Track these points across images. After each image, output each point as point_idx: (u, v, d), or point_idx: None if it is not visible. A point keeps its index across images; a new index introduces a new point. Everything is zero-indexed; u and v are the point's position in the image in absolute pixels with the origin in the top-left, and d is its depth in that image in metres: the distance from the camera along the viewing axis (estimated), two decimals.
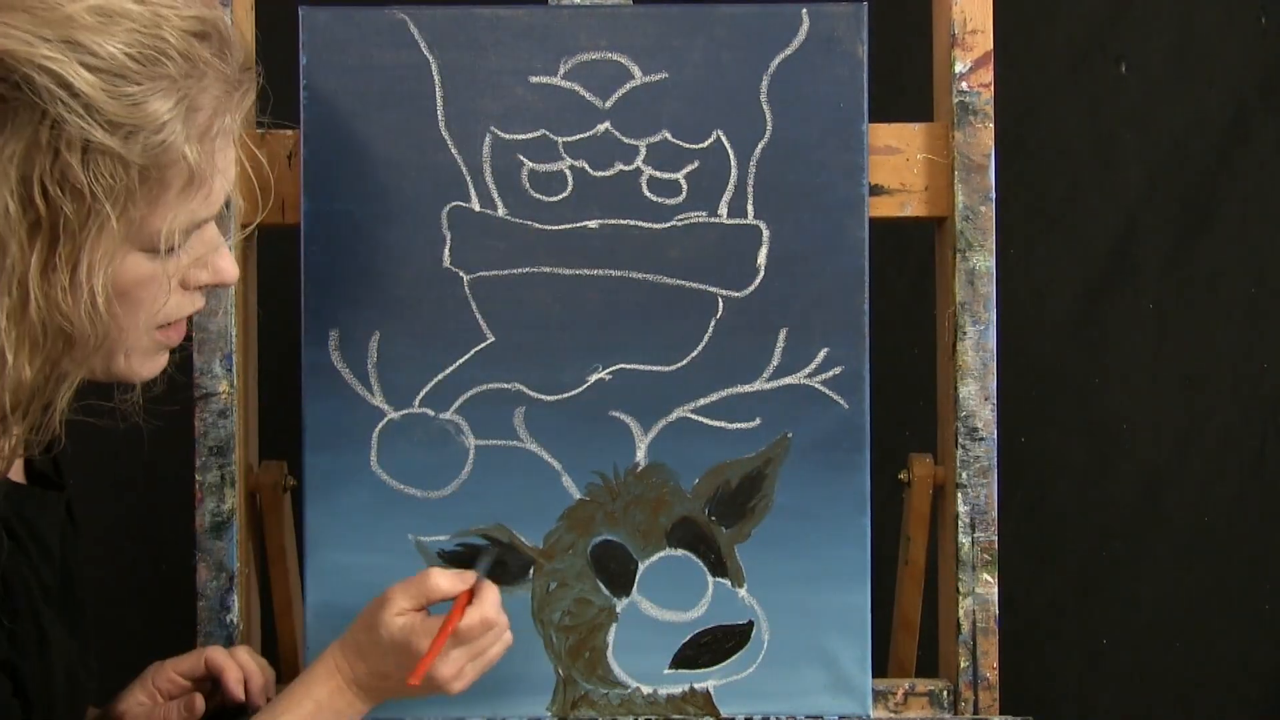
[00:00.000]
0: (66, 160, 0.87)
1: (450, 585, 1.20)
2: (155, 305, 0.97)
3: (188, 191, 0.93)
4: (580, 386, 1.33)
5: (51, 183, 0.87)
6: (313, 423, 1.32)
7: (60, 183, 0.88)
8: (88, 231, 0.89)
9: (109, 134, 0.88)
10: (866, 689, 1.33)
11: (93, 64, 0.87)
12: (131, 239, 0.92)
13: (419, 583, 1.20)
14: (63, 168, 0.87)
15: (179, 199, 0.93)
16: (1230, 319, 1.79)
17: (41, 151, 0.87)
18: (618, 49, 1.32)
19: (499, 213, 1.32)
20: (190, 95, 0.91)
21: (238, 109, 0.96)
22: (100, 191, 0.88)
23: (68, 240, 0.89)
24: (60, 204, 0.88)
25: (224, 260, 1.01)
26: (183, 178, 0.93)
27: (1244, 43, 1.77)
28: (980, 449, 1.34)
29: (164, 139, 0.90)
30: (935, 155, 1.35)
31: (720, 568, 1.33)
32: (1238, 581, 1.81)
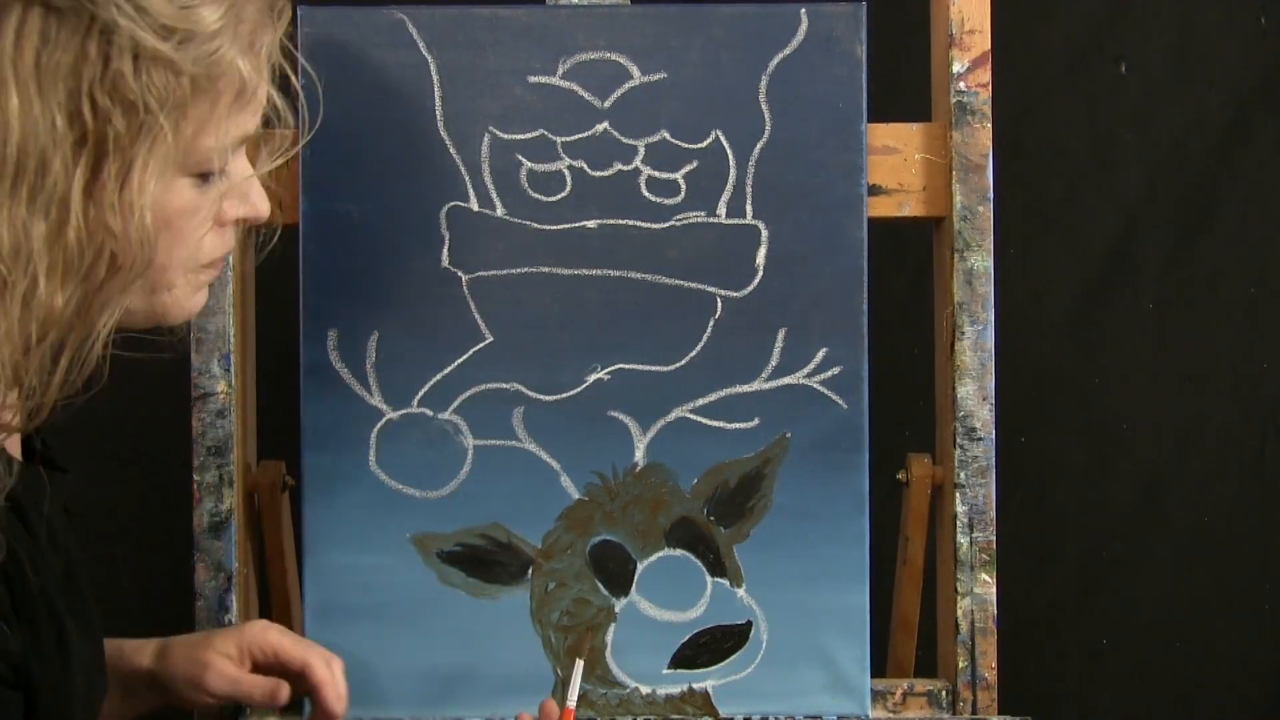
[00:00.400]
0: (118, 69, 0.84)
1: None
2: (195, 239, 0.94)
3: (238, 104, 0.91)
4: (579, 386, 1.33)
5: (102, 94, 0.84)
6: (311, 422, 1.32)
7: (111, 93, 0.84)
8: (140, 145, 0.86)
9: (162, 40, 0.85)
10: (865, 689, 1.33)
11: None
12: (182, 159, 0.90)
13: None
14: (114, 77, 0.84)
15: (229, 113, 0.91)
16: (1230, 319, 1.79)
17: (90, 62, 0.84)
18: (616, 49, 1.32)
19: (497, 213, 1.32)
20: (238, 5, 0.89)
21: (278, 27, 0.94)
22: (153, 102, 0.85)
23: (118, 155, 0.86)
24: (110, 116, 0.84)
25: (257, 192, 0.99)
26: (233, 90, 0.90)
27: (1244, 43, 1.76)
28: (979, 449, 1.34)
29: (217, 46, 0.87)
30: (933, 155, 1.35)
31: (719, 568, 1.33)
32: (1238, 581, 1.81)
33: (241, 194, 0.97)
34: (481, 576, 1.33)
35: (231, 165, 0.95)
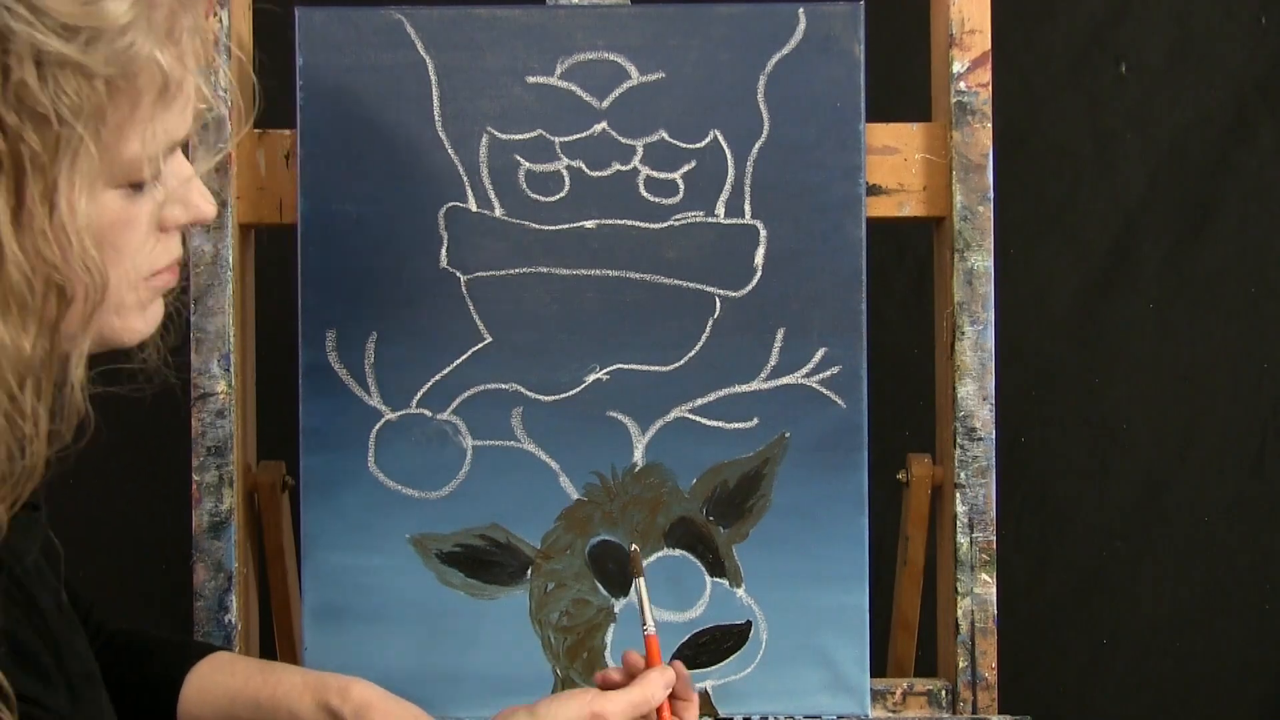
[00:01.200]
0: (20, 80, 0.74)
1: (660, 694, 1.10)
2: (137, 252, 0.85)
3: (162, 102, 0.81)
4: (578, 387, 1.33)
5: (7, 109, 0.75)
6: (310, 423, 1.32)
7: (18, 108, 0.75)
8: (61, 162, 0.77)
9: (66, 41, 0.75)
10: (865, 689, 1.33)
11: None
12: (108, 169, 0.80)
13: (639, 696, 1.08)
14: (17, 89, 0.74)
15: (154, 113, 0.81)
16: (1230, 319, 1.79)
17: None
18: (615, 49, 1.32)
19: (496, 213, 1.32)
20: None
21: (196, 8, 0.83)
22: (67, 112, 0.76)
23: (38, 176, 0.76)
24: (21, 133, 0.75)
25: (197, 194, 0.88)
26: (155, 87, 0.80)
27: (1244, 43, 1.76)
28: (979, 449, 1.34)
29: (130, 41, 0.77)
30: (933, 155, 1.35)
31: (718, 568, 1.33)
32: (1238, 581, 1.81)
33: (182, 197, 0.88)
34: (481, 577, 1.33)
35: (166, 168, 0.85)
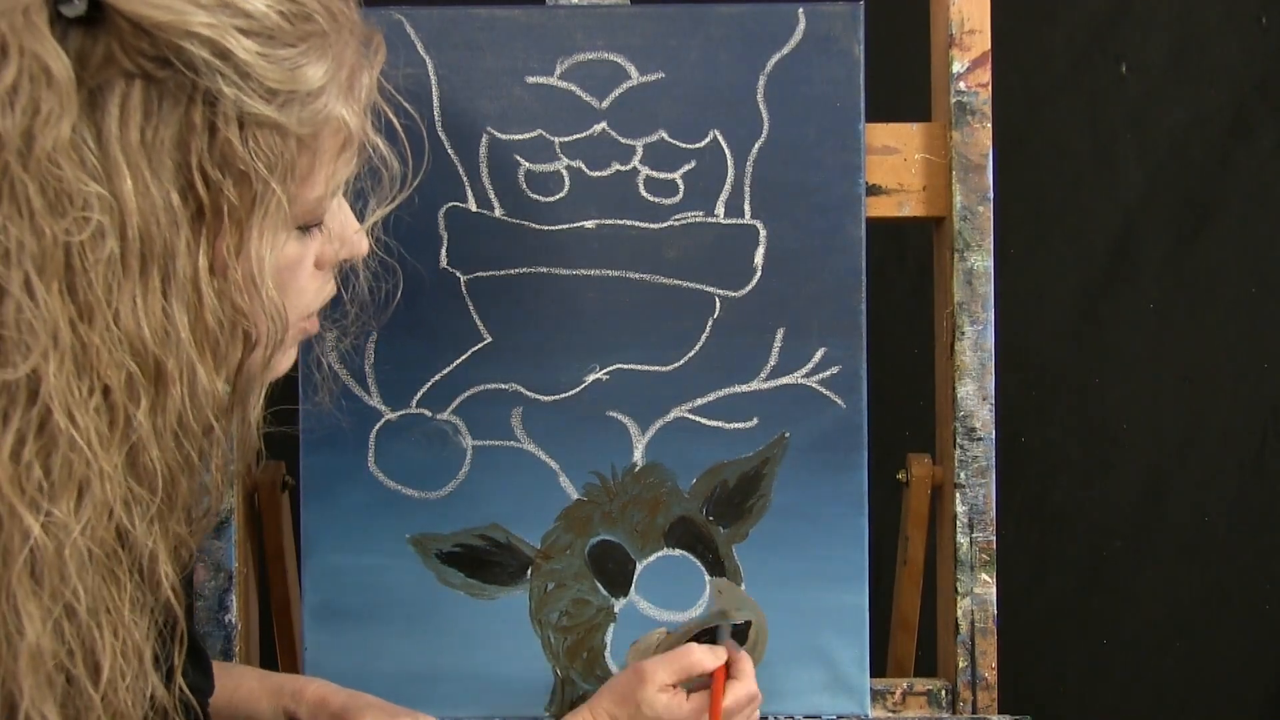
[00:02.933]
0: (225, 138, 0.80)
1: (712, 661, 1.16)
2: (302, 291, 0.91)
3: (343, 155, 0.88)
4: (577, 387, 1.33)
5: (212, 166, 0.80)
6: (310, 423, 1.32)
7: (221, 165, 0.80)
8: (255, 216, 0.82)
9: (267, 103, 0.80)
10: (865, 688, 1.33)
11: (247, 27, 0.80)
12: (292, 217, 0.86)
13: (681, 659, 1.15)
14: (222, 147, 0.80)
15: (332, 163, 0.87)
16: (1230, 319, 1.79)
17: (197, 133, 0.79)
18: (614, 49, 1.32)
19: (496, 213, 1.32)
20: (337, 50, 0.85)
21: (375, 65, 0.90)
22: (263, 168, 0.81)
23: (234, 228, 0.82)
24: (222, 188, 0.80)
25: (353, 230, 0.94)
26: (338, 140, 0.87)
27: (1244, 43, 1.77)
28: (978, 449, 1.34)
29: (324, 103, 0.84)
30: (933, 155, 1.35)
31: (718, 567, 1.33)
32: (1238, 581, 1.81)
33: (342, 236, 0.93)
34: (481, 577, 1.33)
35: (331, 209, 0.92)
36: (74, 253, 0.78)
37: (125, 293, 0.79)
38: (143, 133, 0.79)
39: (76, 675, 0.81)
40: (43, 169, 0.77)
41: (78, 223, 0.77)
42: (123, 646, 0.82)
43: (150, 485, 0.82)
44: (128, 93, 0.78)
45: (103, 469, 0.79)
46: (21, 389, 0.78)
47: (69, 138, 0.77)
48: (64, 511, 0.78)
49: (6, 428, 0.77)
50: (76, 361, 0.78)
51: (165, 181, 0.79)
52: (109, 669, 0.81)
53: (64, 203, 0.77)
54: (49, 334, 0.77)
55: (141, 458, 0.81)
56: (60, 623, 0.80)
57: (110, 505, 0.80)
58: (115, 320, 0.79)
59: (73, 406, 0.78)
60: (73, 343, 0.78)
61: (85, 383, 0.78)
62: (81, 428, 0.78)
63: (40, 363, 0.77)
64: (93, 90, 0.78)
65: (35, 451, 0.78)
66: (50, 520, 0.78)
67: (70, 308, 0.78)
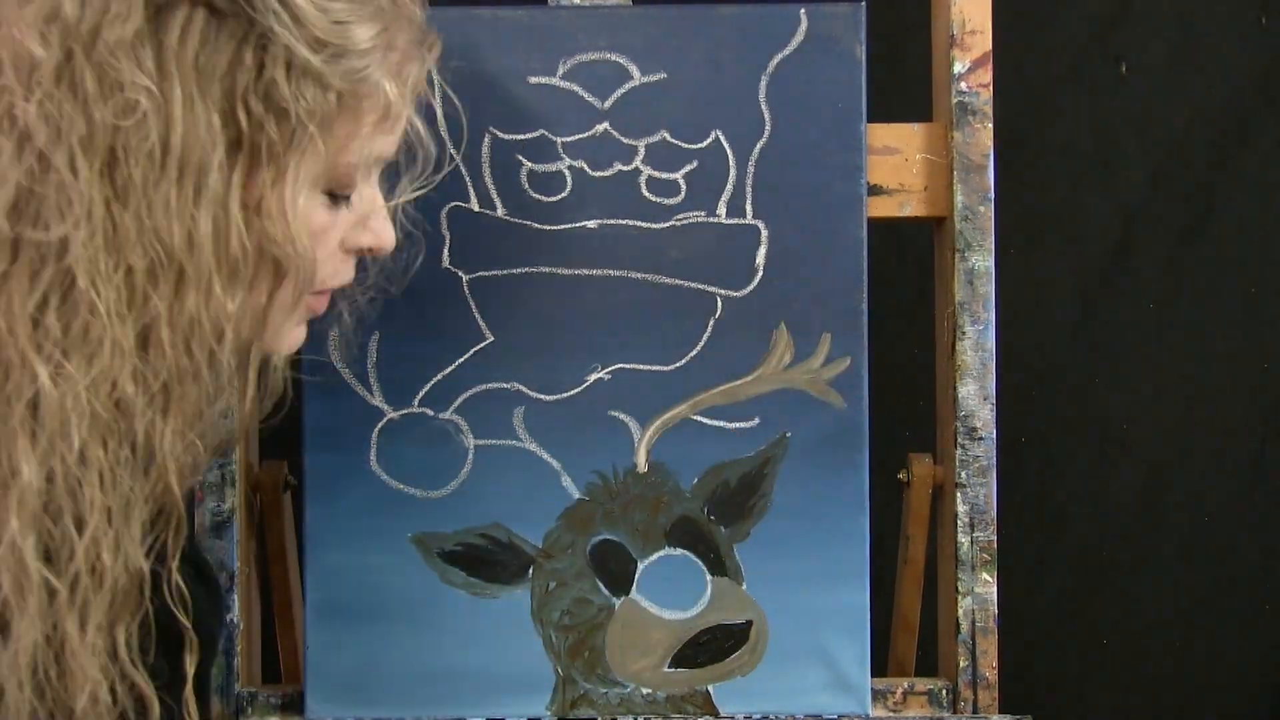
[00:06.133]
0: (272, 77, 0.86)
1: None
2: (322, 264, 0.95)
3: (381, 127, 0.93)
4: (579, 386, 1.33)
5: (256, 99, 0.86)
6: (312, 423, 1.32)
7: (265, 100, 0.86)
8: (292, 155, 0.88)
9: (314, 52, 0.87)
10: (866, 688, 1.34)
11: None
12: (326, 172, 0.91)
13: None
14: (267, 84, 0.86)
15: (371, 133, 0.93)
16: (1230, 319, 1.79)
17: (246, 67, 0.86)
18: (616, 49, 1.32)
19: (498, 213, 1.32)
20: (390, 31, 0.91)
21: (426, 60, 0.96)
22: (303, 113, 0.87)
23: (271, 163, 0.88)
24: (263, 122, 0.86)
25: (385, 224, 1.00)
26: (378, 111, 0.92)
27: (1244, 43, 1.77)
28: (979, 449, 1.34)
29: (366, 65, 0.89)
30: (934, 155, 1.35)
31: (719, 567, 1.33)
32: (1238, 581, 1.81)
33: (371, 224, 0.99)
34: (482, 576, 1.33)
35: (364, 190, 0.97)
36: (118, 140, 0.84)
37: (159, 191, 0.85)
38: (197, 56, 0.85)
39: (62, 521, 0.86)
40: (102, 59, 0.83)
41: (125, 110, 0.83)
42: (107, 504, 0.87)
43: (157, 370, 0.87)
44: (190, 16, 0.85)
45: (116, 338, 0.85)
46: (52, 252, 0.84)
47: (131, 39, 0.84)
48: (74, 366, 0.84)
49: (34, 286, 0.84)
50: (106, 237, 0.84)
51: (210, 104, 0.85)
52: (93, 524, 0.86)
53: (116, 91, 0.83)
54: (84, 206, 0.83)
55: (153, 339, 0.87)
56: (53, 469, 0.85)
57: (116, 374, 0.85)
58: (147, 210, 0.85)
59: (96, 276, 0.84)
60: (105, 219, 0.84)
61: (112, 259, 0.85)
62: (103, 296, 0.84)
63: (72, 231, 0.83)
64: (160, 7, 0.85)
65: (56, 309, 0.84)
66: (60, 372, 0.84)
67: (107, 188, 0.84)
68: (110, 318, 0.85)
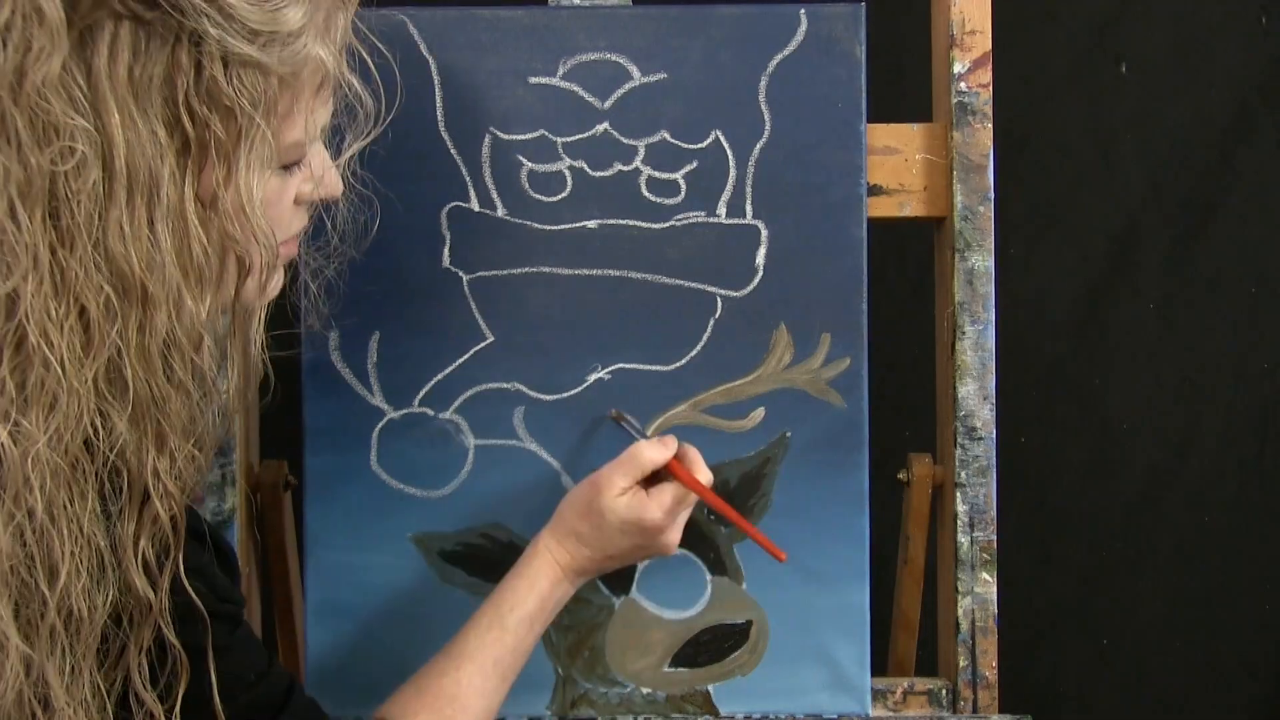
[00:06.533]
0: (211, 76, 0.85)
1: (659, 455, 1.21)
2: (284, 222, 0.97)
3: (320, 95, 0.94)
4: (580, 386, 1.33)
5: (199, 101, 0.85)
6: (313, 422, 1.33)
7: (208, 100, 0.86)
8: (240, 149, 0.88)
9: (250, 42, 0.86)
10: (865, 688, 1.34)
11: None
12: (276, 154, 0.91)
13: (631, 460, 1.20)
14: (208, 84, 0.85)
15: (312, 104, 0.93)
16: (1230, 319, 1.79)
17: (183, 71, 0.85)
18: (617, 49, 1.32)
19: (498, 213, 1.32)
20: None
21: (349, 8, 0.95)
22: (248, 105, 0.87)
23: (221, 160, 0.87)
24: (209, 122, 0.86)
25: (330, 173, 1.01)
26: (316, 81, 0.92)
27: (1244, 43, 1.77)
28: (979, 448, 1.34)
29: (303, 44, 0.89)
30: (934, 155, 1.35)
31: (719, 566, 1.33)
32: (1238, 581, 1.81)
33: (320, 177, 1.00)
34: (483, 576, 1.33)
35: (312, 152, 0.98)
36: (58, 182, 0.83)
37: (111, 220, 0.84)
38: (131, 71, 0.84)
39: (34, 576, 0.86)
40: (31, 103, 0.82)
41: (63, 154, 0.82)
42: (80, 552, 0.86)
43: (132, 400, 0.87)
44: (117, 33, 0.83)
45: (73, 385, 0.84)
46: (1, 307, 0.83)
47: (59, 75, 0.82)
48: (31, 422, 0.84)
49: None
50: (55, 284, 0.83)
51: (152, 117, 0.84)
52: (65, 573, 0.86)
53: (50, 135, 0.82)
54: (29, 257, 0.82)
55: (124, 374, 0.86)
56: (20, 526, 0.84)
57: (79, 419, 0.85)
58: (98, 246, 0.84)
59: (48, 326, 0.83)
60: (52, 266, 0.83)
61: (62, 304, 0.84)
62: (55, 346, 0.83)
63: (20, 284, 0.82)
64: (83, 30, 0.83)
65: (10, 367, 0.83)
66: (18, 430, 0.84)
67: (51, 233, 0.83)
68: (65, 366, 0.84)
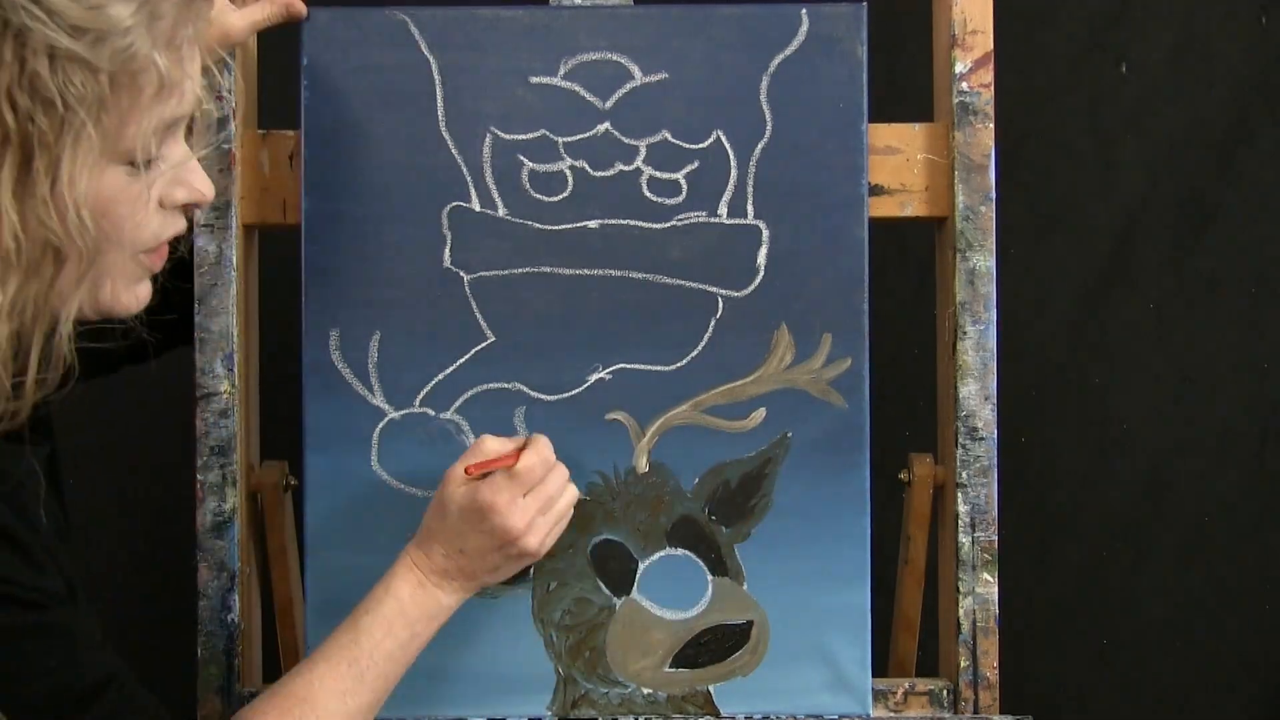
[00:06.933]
0: (34, 70, 0.87)
1: (501, 444, 1.20)
2: (137, 224, 0.96)
3: (160, 97, 0.93)
4: (580, 386, 1.33)
5: (21, 94, 0.87)
6: (314, 423, 1.32)
7: (30, 93, 0.87)
8: (64, 142, 0.89)
9: (75, 40, 0.88)
10: (866, 688, 1.34)
11: None
12: (109, 150, 0.92)
13: (474, 449, 1.20)
14: (31, 77, 0.87)
15: (152, 104, 0.93)
16: (1230, 319, 1.79)
17: (6, 64, 0.87)
18: (618, 49, 1.32)
19: (499, 213, 1.32)
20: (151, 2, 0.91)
21: (197, 18, 0.96)
22: (73, 99, 0.88)
23: (43, 153, 0.89)
24: (32, 114, 0.88)
25: (198, 176, 1.00)
26: (154, 85, 0.93)
27: (1244, 43, 1.77)
28: (980, 449, 1.34)
29: (130, 42, 0.90)
30: (935, 155, 1.35)
31: (720, 567, 1.33)
32: (1238, 581, 1.81)
33: (182, 179, 0.99)
34: None
35: (167, 151, 0.97)
36: None
37: None
38: None
39: None
40: None
41: None
42: None
43: None
44: None
45: None
46: None
47: None
48: None
49: None
50: None
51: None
52: None
53: None
54: None
55: None
56: None
57: None
58: None
59: None
60: None
61: None
62: None
63: None
64: None
65: None
66: None
67: None
68: None
